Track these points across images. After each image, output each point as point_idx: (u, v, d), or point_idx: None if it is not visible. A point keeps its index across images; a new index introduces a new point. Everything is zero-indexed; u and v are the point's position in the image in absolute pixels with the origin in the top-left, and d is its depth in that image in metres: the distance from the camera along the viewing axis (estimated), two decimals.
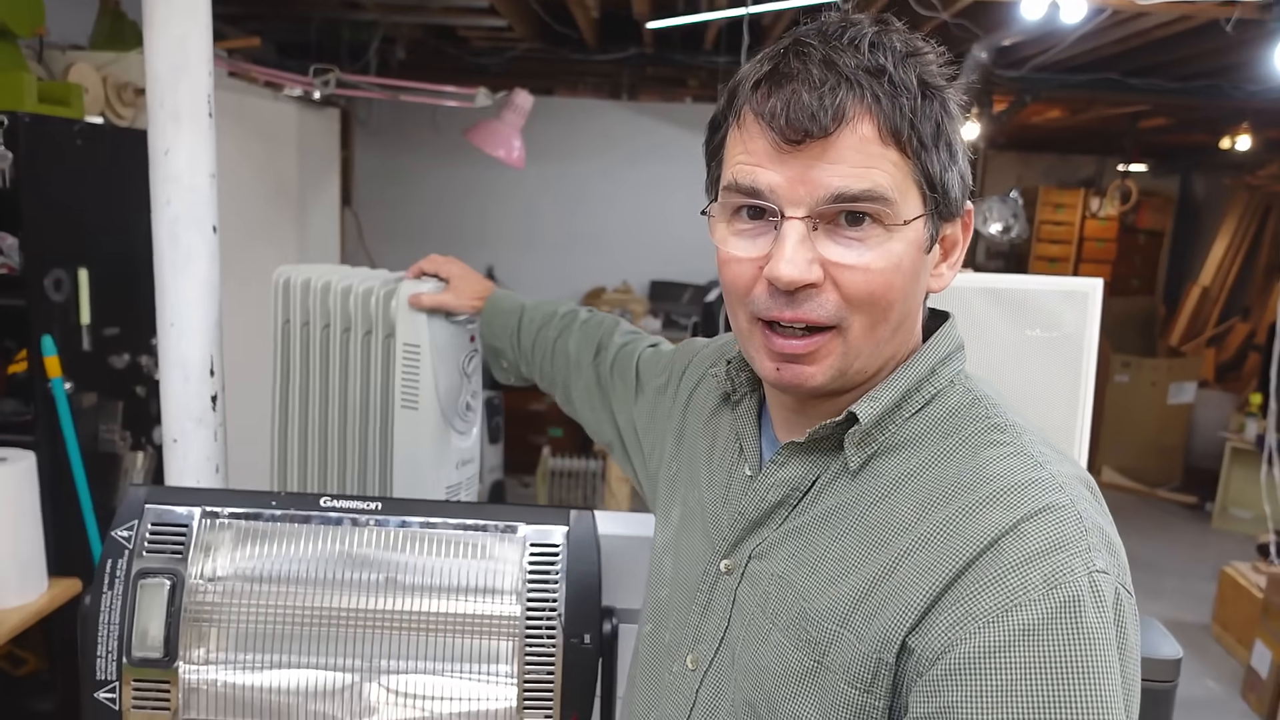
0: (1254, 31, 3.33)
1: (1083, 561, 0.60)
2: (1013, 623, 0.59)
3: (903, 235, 0.66)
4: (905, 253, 0.67)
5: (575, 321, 1.20)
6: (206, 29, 1.28)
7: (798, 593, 0.70)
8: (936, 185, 0.67)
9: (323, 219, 3.23)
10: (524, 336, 1.23)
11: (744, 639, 0.74)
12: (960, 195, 0.70)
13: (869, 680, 0.64)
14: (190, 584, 1.02)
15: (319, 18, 3.96)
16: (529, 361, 1.24)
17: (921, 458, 0.69)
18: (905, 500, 0.68)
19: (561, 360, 1.18)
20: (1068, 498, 0.64)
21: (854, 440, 0.71)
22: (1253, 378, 6.18)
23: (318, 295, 1.36)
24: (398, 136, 5.29)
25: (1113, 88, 4.64)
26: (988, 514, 0.63)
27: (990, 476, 0.65)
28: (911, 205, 0.66)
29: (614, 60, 4.65)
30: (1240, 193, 7.42)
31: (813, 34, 0.67)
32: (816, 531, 0.71)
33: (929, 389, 0.72)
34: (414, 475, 1.31)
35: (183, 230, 1.30)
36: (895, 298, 0.67)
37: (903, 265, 0.67)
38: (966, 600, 0.61)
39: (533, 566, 1.04)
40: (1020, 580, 0.60)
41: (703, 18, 3.77)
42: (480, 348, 1.36)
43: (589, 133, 5.40)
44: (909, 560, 0.64)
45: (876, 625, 0.64)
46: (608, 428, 1.10)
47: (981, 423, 0.70)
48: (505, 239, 5.52)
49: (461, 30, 4.45)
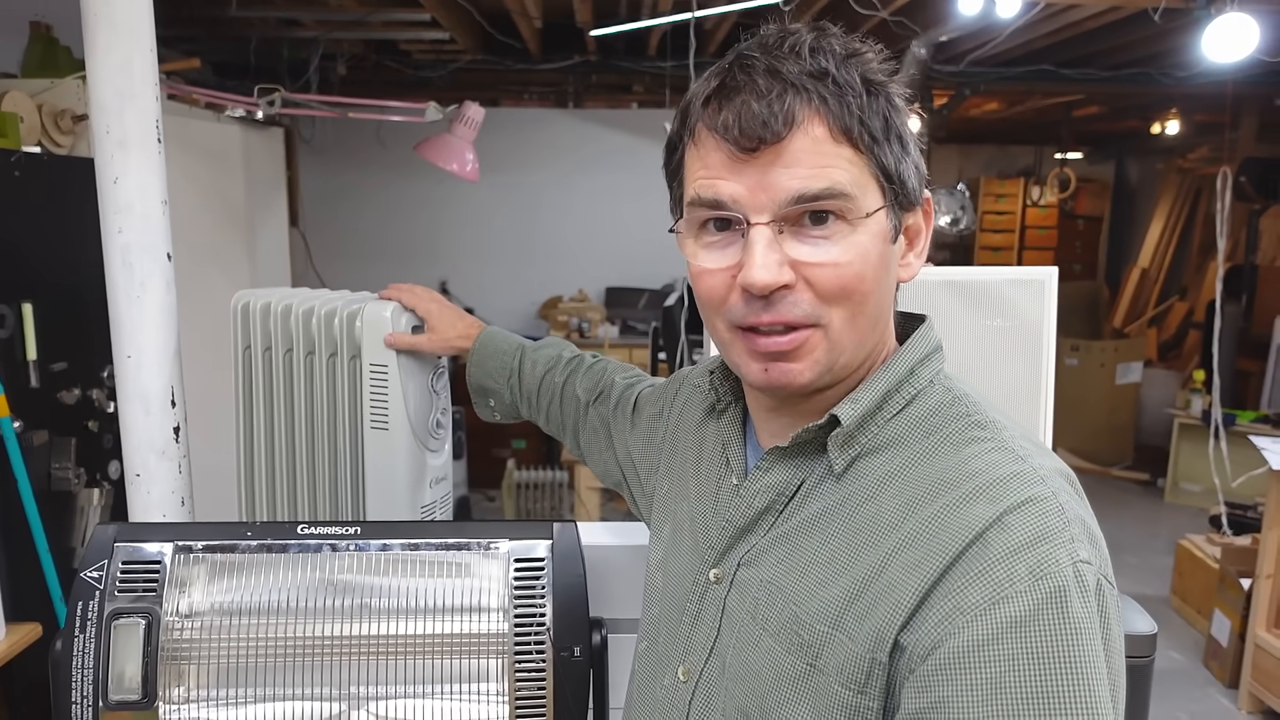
0: (1181, 20, 3.45)
1: (1067, 552, 0.61)
2: (1000, 615, 0.60)
3: (866, 228, 0.67)
4: (871, 245, 0.68)
5: (581, 366, 1.19)
6: (151, 53, 1.25)
7: (788, 597, 0.70)
8: (893, 177, 0.69)
9: (272, 241, 3.17)
10: (526, 380, 1.21)
11: (734, 647, 0.74)
12: (917, 185, 0.71)
13: (863, 681, 0.65)
14: (166, 622, 0.99)
15: (257, 37, 3.91)
16: (532, 405, 1.22)
17: (905, 457, 0.70)
18: (891, 500, 0.68)
19: (571, 405, 1.16)
20: (1049, 490, 0.65)
21: (837, 443, 0.71)
22: (1194, 354, 6.38)
23: (278, 319, 1.33)
24: (343, 154, 5.22)
25: (1047, 78, 4.77)
26: (972, 508, 0.64)
27: (973, 472, 0.66)
28: (871, 198, 0.68)
29: (559, 69, 4.65)
30: (1172, 176, 7.66)
31: (754, 47, 0.69)
32: (804, 535, 0.72)
33: (909, 389, 0.73)
34: (388, 496, 1.29)
35: (136, 259, 1.27)
36: (868, 289, 0.69)
37: (870, 257, 0.68)
38: (955, 595, 0.61)
39: (518, 582, 1.03)
40: (1006, 572, 0.61)
41: (646, 24, 3.79)
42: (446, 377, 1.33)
43: (537, 142, 5.39)
44: (897, 559, 0.65)
45: (868, 625, 0.65)
46: (614, 467, 1.10)
47: (962, 420, 0.71)
48: (458, 252, 5.48)
49: (403, 44, 4.41)
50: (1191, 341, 6.74)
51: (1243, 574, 3.20)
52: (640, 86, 5.40)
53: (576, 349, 1.24)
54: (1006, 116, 6.72)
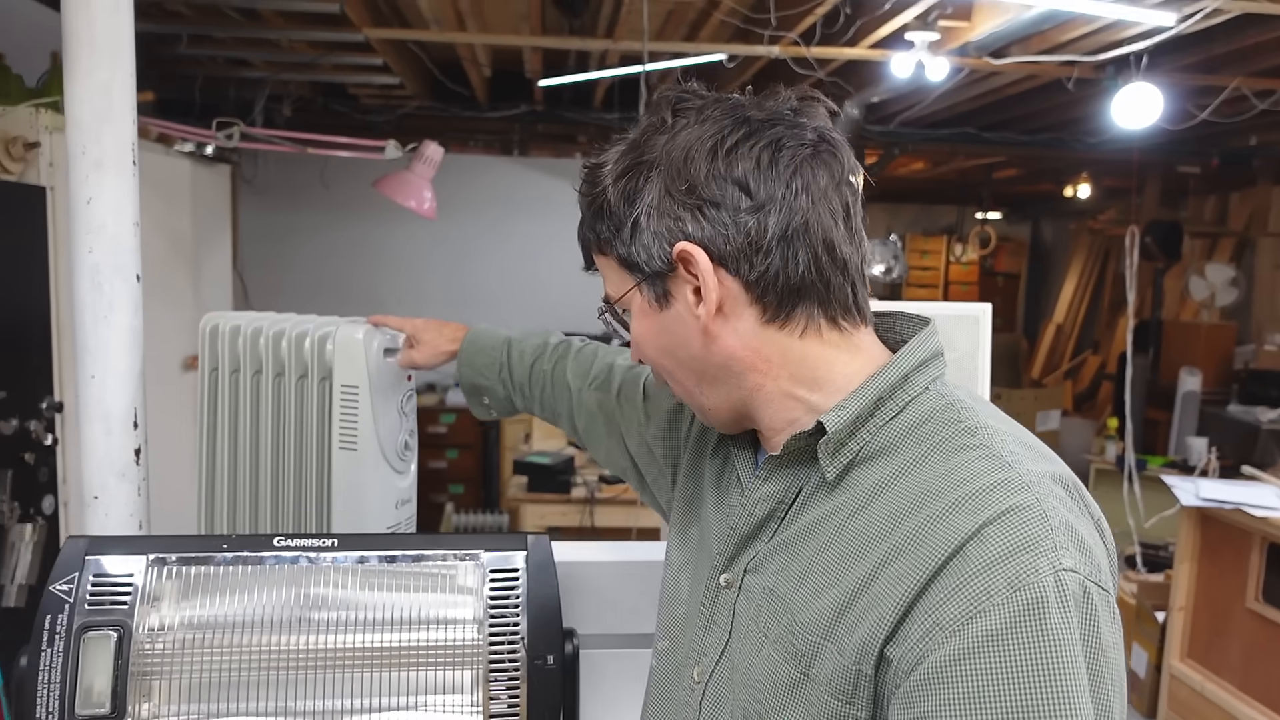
0: (1091, 89, 3.72)
1: (1048, 561, 0.61)
2: (978, 629, 0.60)
3: (635, 311, 0.79)
4: (641, 321, 0.79)
5: (570, 350, 1.20)
6: (130, 76, 1.28)
7: (786, 605, 0.72)
8: (629, 261, 0.77)
9: (217, 276, 3.14)
10: (516, 370, 1.22)
11: (741, 652, 0.76)
12: (660, 250, 0.75)
13: (850, 692, 0.66)
14: (138, 635, 0.99)
15: (203, 75, 3.90)
16: (525, 395, 1.23)
17: (896, 465, 0.70)
18: (881, 509, 0.69)
19: (563, 392, 1.17)
20: (1033, 497, 0.64)
21: (827, 451, 0.72)
22: (1106, 404, 6.70)
23: (248, 341, 1.35)
24: (285, 194, 5.19)
25: (970, 140, 5.05)
26: (953, 519, 0.64)
27: (958, 481, 0.66)
28: (626, 283, 0.78)
29: (505, 117, 4.74)
30: (1084, 236, 8.09)
31: None
32: (802, 544, 0.73)
33: (903, 396, 0.73)
34: (354, 517, 1.31)
35: (106, 279, 1.27)
36: (655, 356, 0.80)
37: (645, 332, 0.79)
38: (935, 609, 0.62)
39: (494, 592, 1.05)
40: (984, 585, 0.61)
41: (595, 75, 3.91)
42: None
43: (480, 188, 5.44)
44: (885, 570, 0.65)
45: (856, 637, 0.65)
46: (619, 455, 1.10)
47: (954, 427, 0.70)
48: (398, 296, 5.46)
49: (352, 88, 4.45)
50: (1105, 392, 7.08)
51: (1157, 608, 3.36)
52: (585, 137, 5.52)
53: (562, 334, 1.25)
54: (931, 176, 7.05)
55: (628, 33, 3.30)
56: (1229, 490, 3.03)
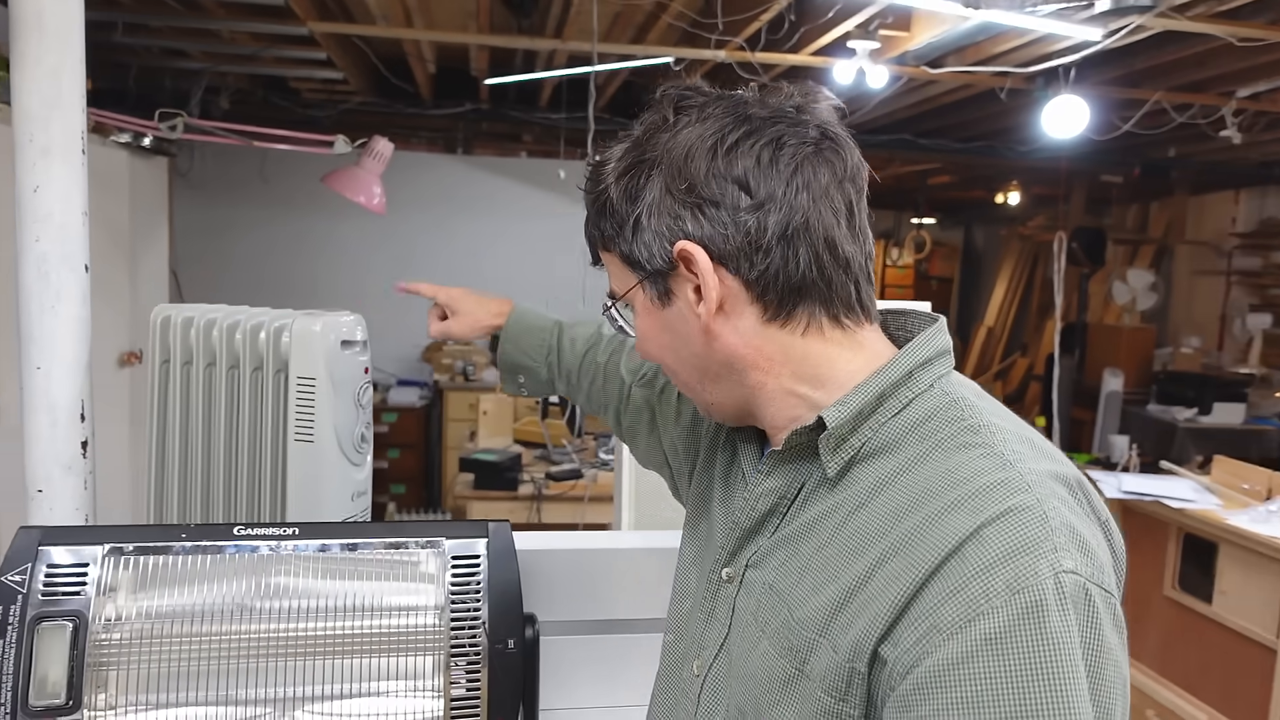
0: (1022, 100, 3.86)
1: (1048, 563, 0.60)
2: (976, 633, 0.59)
3: (637, 307, 0.80)
4: (645, 318, 0.80)
5: (626, 345, 1.17)
6: (80, 63, 1.26)
7: (784, 601, 0.72)
8: (633, 258, 0.77)
9: (154, 269, 3.07)
10: (565, 357, 1.20)
11: (739, 646, 0.76)
12: (660, 245, 0.75)
13: (844, 689, 0.65)
14: (94, 626, 0.98)
15: (138, 66, 3.81)
16: (571, 383, 1.21)
17: (898, 463, 0.69)
18: (881, 507, 0.68)
19: (615, 385, 1.15)
20: (1034, 497, 0.63)
21: (828, 446, 0.72)
22: (1035, 405, 6.94)
23: (201, 333, 1.34)
24: (222, 188, 5.08)
25: (907, 147, 5.19)
26: (952, 519, 0.63)
27: (958, 480, 0.65)
28: (629, 281, 0.79)
29: (450, 115, 4.71)
30: (1014, 242, 8.36)
31: None
32: (803, 540, 0.73)
33: (906, 393, 0.72)
34: (310, 509, 1.31)
35: (53, 269, 1.26)
36: (658, 353, 0.81)
37: (648, 329, 0.80)
38: (932, 612, 0.61)
39: (455, 578, 1.07)
40: (983, 588, 0.60)
41: (542, 75, 3.92)
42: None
43: (425, 185, 5.41)
44: (881, 569, 0.65)
45: (851, 634, 0.65)
46: (656, 452, 1.09)
47: (957, 425, 0.69)
48: (338, 294, 5.39)
49: (294, 82, 4.38)
50: (1032, 393, 7.33)
51: None
52: (530, 136, 5.52)
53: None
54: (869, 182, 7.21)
55: (576, 33, 3.32)
56: (1148, 484, 3.18)
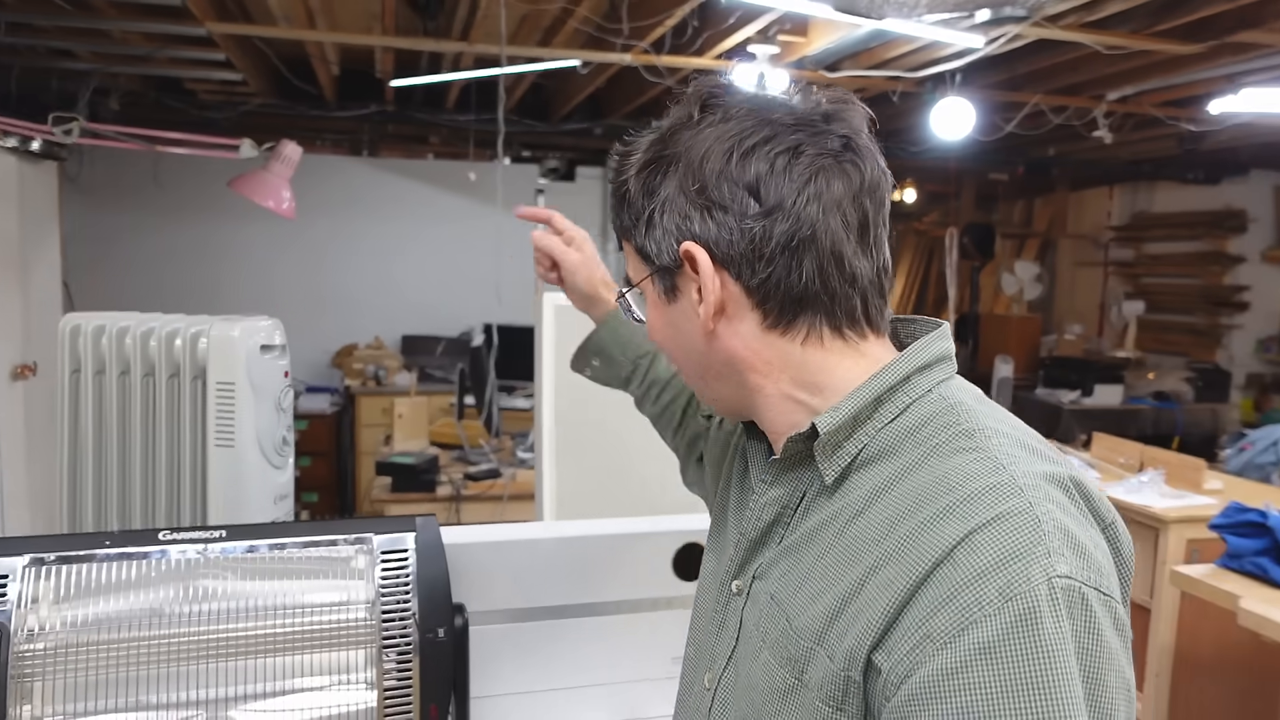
0: (914, 102, 4.06)
1: (1041, 569, 0.59)
2: (970, 642, 0.58)
3: (648, 299, 0.81)
4: (652, 312, 0.81)
5: None
6: None
7: (784, 610, 0.71)
8: (645, 251, 0.78)
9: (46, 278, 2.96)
10: (660, 365, 1.15)
11: (744, 657, 0.76)
12: (669, 243, 0.75)
13: (840, 699, 0.65)
14: (17, 637, 0.98)
15: (20, 66, 3.64)
16: (650, 393, 1.16)
17: (894, 469, 0.69)
18: (878, 514, 0.67)
19: (694, 412, 1.12)
20: (1026, 501, 0.62)
21: (823, 453, 0.71)
22: None
23: (114, 341, 1.33)
24: (114, 194, 4.90)
25: None
26: (943, 526, 0.62)
27: (951, 485, 0.65)
28: (642, 272, 0.80)
29: (355, 117, 4.65)
30: (911, 237, 8.70)
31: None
32: (804, 549, 0.72)
33: (904, 398, 0.71)
34: (232, 513, 1.31)
35: None
36: (664, 345, 0.82)
37: (656, 324, 0.81)
38: (925, 620, 0.60)
39: (385, 572, 1.10)
40: (975, 596, 0.59)
41: (449, 77, 3.92)
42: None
43: (331, 189, 5.32)
44: (876, 576, 0.64)
45: (846, 643, 0.65)
46: (700, 475, 1.07)
47: (952, 429, 0.68)
48: (243, 300, 5.25)
49: (189, 83, 4.26)
50: None
51: None
52: (437, 138, 5.48)
53: None
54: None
55: (483, 36, 3.34)
56: None
